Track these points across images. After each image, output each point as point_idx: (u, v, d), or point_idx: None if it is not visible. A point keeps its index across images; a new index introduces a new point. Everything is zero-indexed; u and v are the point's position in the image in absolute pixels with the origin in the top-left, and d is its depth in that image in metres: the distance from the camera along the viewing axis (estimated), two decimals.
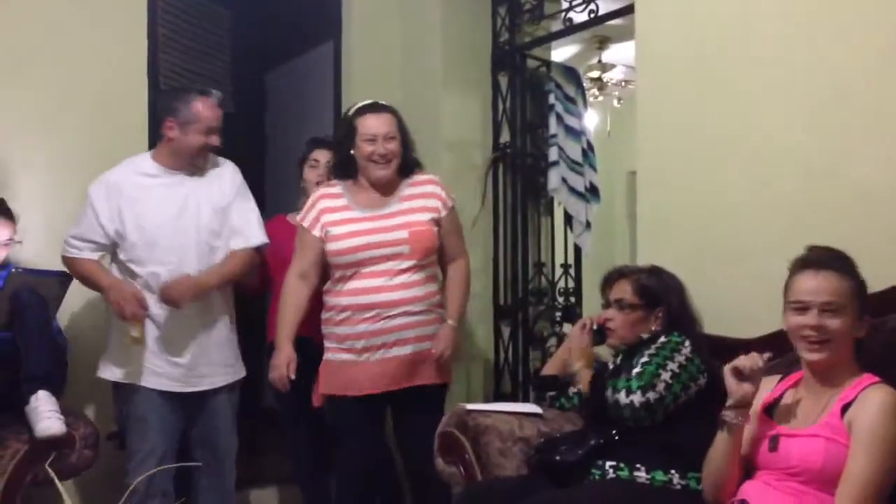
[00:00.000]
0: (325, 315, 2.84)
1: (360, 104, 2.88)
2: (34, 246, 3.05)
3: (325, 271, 2.86)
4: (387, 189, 2.83)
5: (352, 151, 2.81)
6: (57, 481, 1.38)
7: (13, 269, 2.81)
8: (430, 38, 3.96)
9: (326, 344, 2.83)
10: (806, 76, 2.43)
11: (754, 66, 2.57)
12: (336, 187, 2.87)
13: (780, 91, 2.50)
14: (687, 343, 2.28)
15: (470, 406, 2.52)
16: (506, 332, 3.90)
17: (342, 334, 2.78)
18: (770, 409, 1.93)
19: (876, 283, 2.00)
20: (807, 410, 1.86)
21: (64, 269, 2.88)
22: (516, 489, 2.16)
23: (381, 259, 2.75)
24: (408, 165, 2.87)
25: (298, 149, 3.42)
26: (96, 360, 2.95)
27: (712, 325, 2.46)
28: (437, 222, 2.84)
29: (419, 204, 2.84)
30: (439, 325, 2.83)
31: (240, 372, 3.02)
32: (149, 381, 2.84)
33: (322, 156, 3.19)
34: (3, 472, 2.45)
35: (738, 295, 2.53)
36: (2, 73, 3.17)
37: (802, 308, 1.83)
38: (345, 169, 2.86)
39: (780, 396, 1.93)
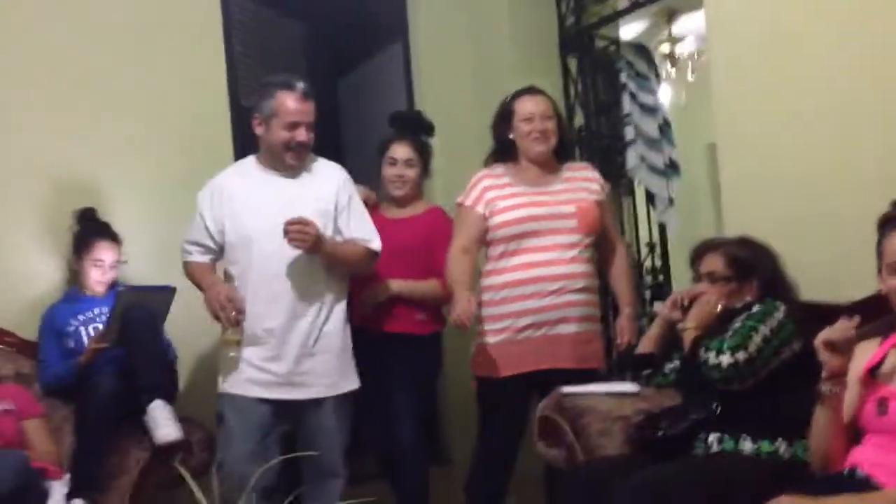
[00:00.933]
0: (483, 297, 2.81)
1: (518, 89, 2.97)
2: (137, 264, 3.21)
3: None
4: (548, 168, 2.88)
5: (510, 136, 2.88)
6: (189, 479, 1.47)
7: (120, 288, 2.97)
8: (497, 27, 3.99)
9: (482, 327, 2.80)
10: (888, 32, 2.37)
11: (830, 25, 2.51)
12: (497, 169, 2.91)
13: (861, 48, 2.44)
14: (781, 308, 2.25)
15: (566, 389, 2.54)
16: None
17: (502, 313, 2.77)
18: (874, 372, 1.89)
19: None
20: None
21: (167, 283, 3.01)
22: (620, 467, 2.16)
23: (547, 232, 2.77)
24: (565, 148, 2.95)
25: (374, 152, 3.46)
26: (203, 367, 3.08)
27: (806, 291, 2.41)
28: (598, 204, 2.88)
29: (581, 185, 2.89)
30: (596, 308, 2.91)
31: (350, 383, 2.80)
32: (242, 389, 2.68)
33: (401, 152, 3.13)
34: (130, 479, 2.59)
35: (830, 259, 2.49)
36: (98, 106, 3.33)
37: None
38: (503, 153, 2.92)
39: (884, 358, 1.90)
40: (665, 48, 5.53)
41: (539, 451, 2.54)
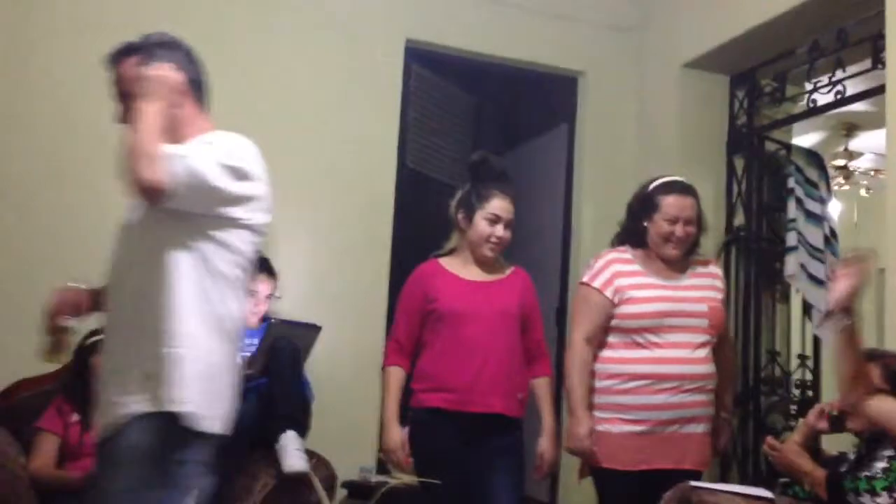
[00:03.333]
0: (602, 384, 2.70)
1: (667, 180, 2.83)
2: (290, 301, 3.38)
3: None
4: (677, 264, 2.78)
5: (645, 224, 2.76)
6: (321, 491, 1.51)
7: (272, 321, 3.12)
8: (666, 119, 4.01)
9: (602, 414, 2.68)
10: None
11: None
12: (626, 254, 2.80)
13: None
14: None
15: (695, 483, 2.44)
16: (738, 421, 3.73)
17: (630, 404, 2.66)
18: None
19: None
20: None
21: (313, 322, 3.14)
22: None
23: (680, 329, 2.68)
24: (694, 248, 2.82)
25: (526, 231, 3.42)
26: (341, 406, 3.16)
27: None
28: (723, 303, 2.82)
29: (708, 282, 2.80)
30: (712, 408, 2.75)
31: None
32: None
33: (502, 209, 2.78)
34: (254, 501, 2.68)
35: None
36: (274, 151, 3.56)
37: None
38: (633, 237, 2.81)
39: None
40: (840, 161, 5.37)
41: None
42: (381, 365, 2.79)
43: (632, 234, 2.80)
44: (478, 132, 4.55)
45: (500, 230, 2.74)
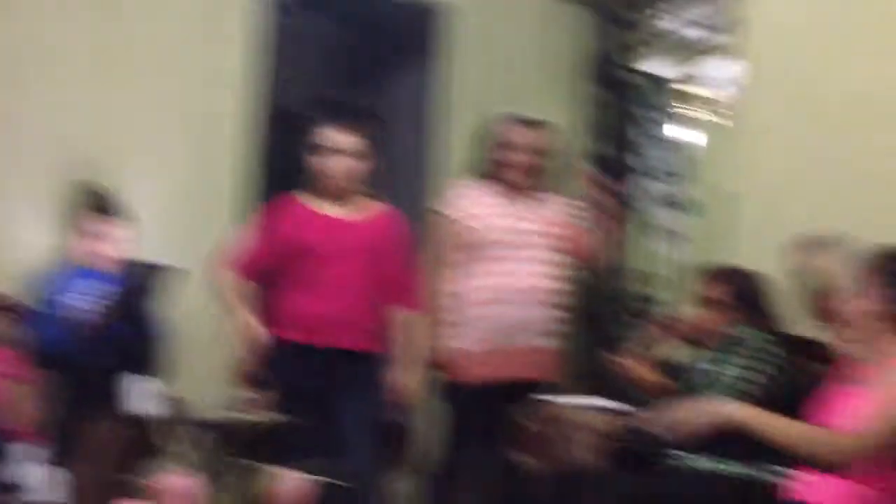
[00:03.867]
0: (455, 302, 2.81)
1: (513, 113, 2.94)
2: (147, 243, 3.28)
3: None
4: (526, 192, 2.90)
5: (495, 156, 2.87)
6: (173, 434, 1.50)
7: (127, 264, 3.03)
8: (525, 49, 4.03)
9: (455, 331, 2.80)
10: None
11: (856, 88, 2.56)
12: (477, 182, 2.92)
13: (886, 103, 2.48)
14: (772, 340, 2.30)
15: (547, 397, 2.57)
16: (585, 335, 3.89)
17: (480, 320, 2.79)
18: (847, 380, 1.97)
19: None
20: (863, 377, 1.89)
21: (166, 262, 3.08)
22: (592, 479, 2.20)
23: (526, 246, 2.81)
24: (546, 178, 2.93)
25: (392, 161, 3.43)
26: (200, 346, 3.14)
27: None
28: (576, 226, 2.93)
29: (558, 207, 2.93)
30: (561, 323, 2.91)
31: None
32: None
33: (344, 141, 2.76)
34: (103, 446, 2.61)
35: None
36: (123, 90, 3.42)
37: None
38: (483, 169, 2.92)
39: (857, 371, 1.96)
40: (687, 88, 5.57)
41: (513, 457, 2.56)
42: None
43: (482, 165, 2.91)
44: (341, 66, 4.47)
45: (342, 161, 2.70)
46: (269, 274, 2.72)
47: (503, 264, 2.79)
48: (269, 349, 2.64)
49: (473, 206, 2.83)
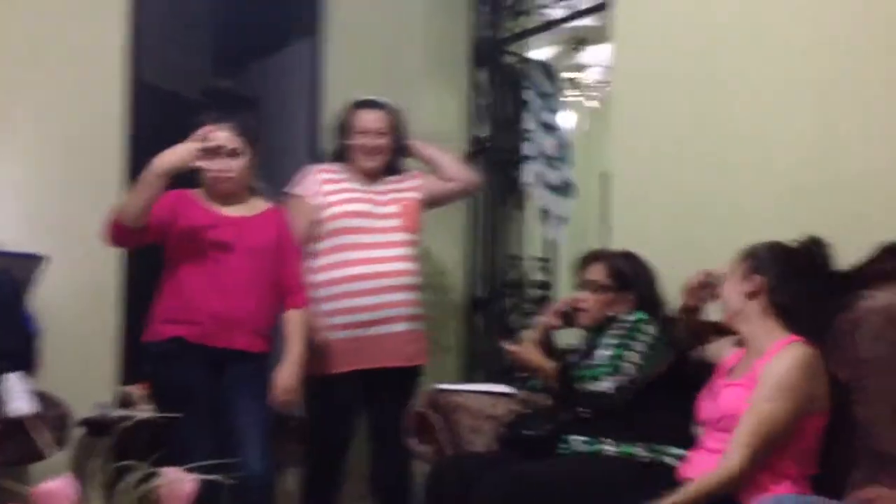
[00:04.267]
0: (316, 293, 2.84)
1: (360, 98, 3.04)
2: (9, 231, 3.08)
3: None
4: (378, 175, 3.00)
5: (347, 141, 2.97)
6: (45, 435, 1.41)
7: None
8: (410, 32, 4.01)
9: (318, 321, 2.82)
10: (769, 68, 2.50)
11: (722, 71, 2.64)
12: (333, 166, 3.02)
13: (749, 89, 2.56)
14: (653, 323, 2.33)
15: (442, 386, 2.57)
16: (480, 323, 3.94)
17: (335, 309, 2.84)
18: (729, 372, 2.04)
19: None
20: (742, 367, 2.00)
21: (35, 252, 2.90)
22: (486, 462, 2.20)
23: (375, 231, 2.88)
24: (396, 162, 3.04)
25: (274, 145, 3.43)
26: (73, 341, 2.97)
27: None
28: (422, 203, 3.02)
29: (405, 185, 3.02)
30: (419, 308, 2.96)
31: None
32: None
33: (220, 138, 2.70)
34: None
35: None
36: None
37: None
38: (339, 154, 3.02)
39: (738, 362, 2.04)
40: (571, 74, 5.68)
41: (409, 446, 2.55)
42: (114, 290, 2.63)
43: (338, 151, 3.00)
44: (219, 46, 4.31)
45: (219, 162, 2.63)
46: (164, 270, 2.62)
47: (361, 251, 2.85)
48: (158, 347, 2.57)
49: (328, 191, 2.89)
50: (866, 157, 2.30)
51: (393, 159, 3.00)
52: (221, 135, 2.64)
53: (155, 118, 3.69)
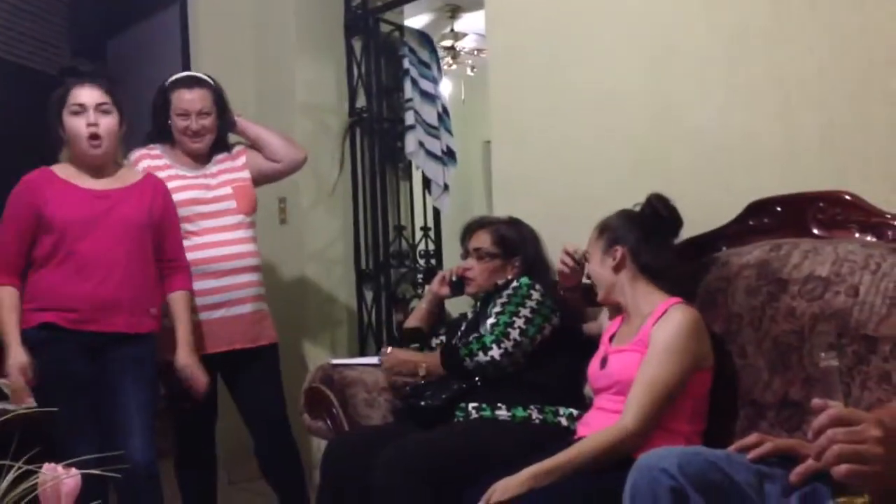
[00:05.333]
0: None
1: (178, 76, 2.92)
2: None
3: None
4: (203, 157, 2.90)
5: (168, 121, 2.84)
6: None
7: None
8: (283, 2, 3.91)
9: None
10: (644, 31, 2.57)
11: (596, 28, 2.68)
12: (155, 149, 2.87)
13: (621, 47, 2.62)
14: (537, 286, 2.38)
15: (335, 361, 2.55)
16: (368, 295, 3.93)
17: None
18: (612, 339, 2.09)
19: (706, 222, 2.18)
20: (628, 332, 2.04)
21: None
22: (383, 435, 2.20)
23: (211, 215, 2.81)
24: (220, 140, 2.92)
25: (144, 119, 3.28)
26: None
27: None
28: (249, 182, 2.93)
29: (234, 165, 2.93)
30: (261, 286, 2.91)
31: None
32: None
33: (87, 96, 2.53)
34: None
35: (585, 241, 2.65)
36: None
37: None
38: (159, 136, 2.89)
39: (619, 328, 2.09)
40: (447, 42, 5.70)
41: (304, 423, 2.52)
42: None
43: (158, 132, 2.87)
44: (76, 17, 4.07)
45: (91, 117, 2.47)
46: (33, 258, 2.47)
47: (201, 236, 2.78)
48: (30, 335, 2.42)
49: (156, 174, 2.74)
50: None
51: (218, 138, 2.90)
52: (89, 91, 2.49)
53: (17, 96, 3.47)
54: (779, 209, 2.10)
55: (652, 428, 1.83)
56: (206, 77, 2.91)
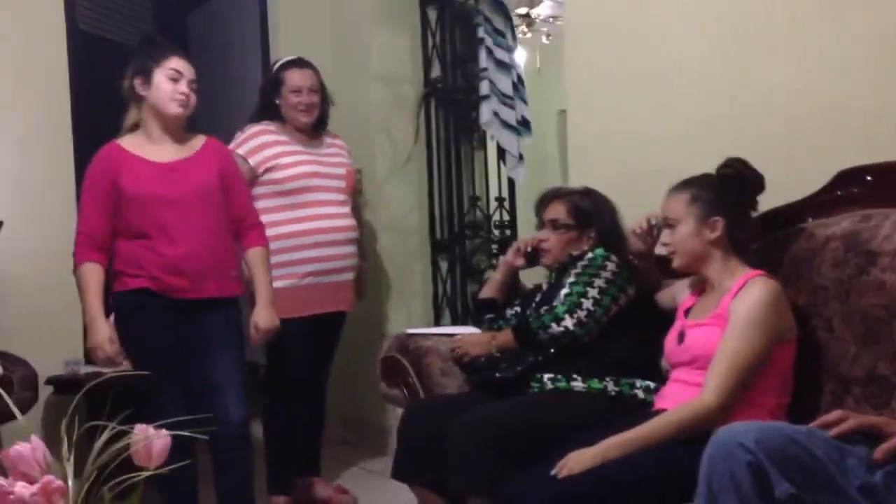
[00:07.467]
0: (271, 245, 2.82)
1: (287, 58, 3.21)
2: None
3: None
4: (311, 134, 3.17)
5: (277, 101, 3.11)
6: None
7: None
8: None
9: (273, 272, 2.82)
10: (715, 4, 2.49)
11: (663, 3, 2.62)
12: (271, 125, 3.12)
13: (697, 14, 2.55)
14: (613, 257, 2.35)
15: (410, 330, 2.57)
16: (443, 266, 3.95)
17: (291, 260, 3.02)
18: (688, 313, 2.05)
19: (788, 193, 2.12)
20: (707, 306, 1.99)
21: None
22: (458, 404, 2.21)
23: (324, 189, 3.10)
24: (323, 119, 3.21)
25: (221, 93, 3.39)
26: (35, 301, 2.89)
27: None
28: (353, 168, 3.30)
29: (341, 151, 3.27)
30: (357, 258, 3.26)
31: None
32: None
33: (182, 66, 2.60)
34: None
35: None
36: None
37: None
38: (268, 114, 3.15)
39: (696, 302, 2.05)
40: (522, 10, 5.61)
41: (380, 391, 2.56)
42: (73, 252, 2.54)
43: (267, 110, 3.13)
44: None
45: (184, 86, 2.53)
46: (118, 229, 2.52)
47: (316, 207, 3.06)
48: (124, 298, 2.50)
49: (273, 149, 3.03)
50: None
51: (321, 116, 3.18)
52: (184, 63, 2.55)
53: (101, 70, 3.56)
54: (869, 178, 2.02)
55: (734, 402, 1.79)
56: (309, 60, 3.21)
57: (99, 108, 3.14)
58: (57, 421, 1.35)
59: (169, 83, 2.52)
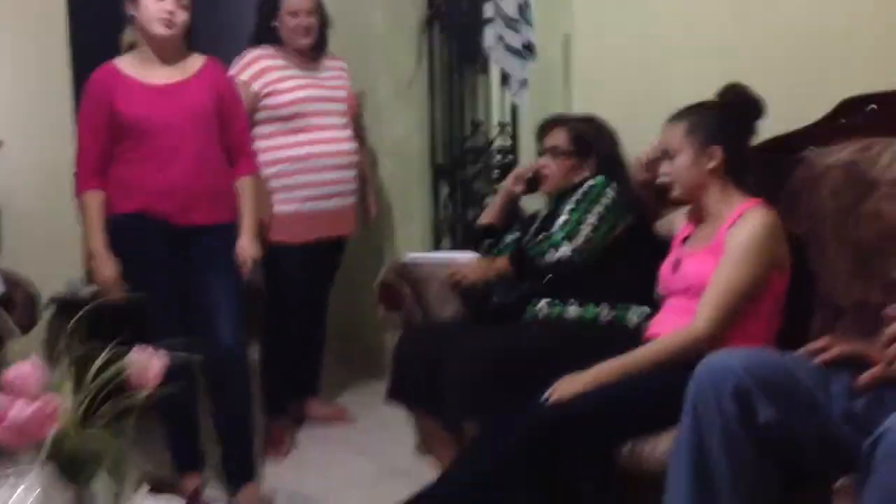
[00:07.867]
0: (269, 170, 2.90)
1: None
2: None
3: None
4: (310, 56, 3.07)
5: (274, 23, 2.99)
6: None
7: None
8: None
9: (274, 196, 2.93)
10: None
11: None
12: (269, 49, 3.01)
13: None
14: (612, 185, 2.34)
15: (409, 255, 2.58)
16: (444, 190, 3.93)
17: (293, 185, 2.95)
18: (685, 242, 2.05)
19: (791, 122, 2.09)
20: (703, 235, 2.00)
21: None
22: (454, 330, 2.24)
23: (324, 114, 3.02)
24: (322, 41, 3.10)
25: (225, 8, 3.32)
26: (35, 222, 2.90)
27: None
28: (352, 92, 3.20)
29: (341, 74, 3.18)
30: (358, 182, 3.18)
31: None
32: None
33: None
34: None
35: None
36: None
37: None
38: (266, 37, 3.03)
39: (693, 232, 2.05)
40: None
41: (378, 314, 2.58)
42: (72, 166, 2.51)
43: (265, 34, 3.02)
44: None
45: (169, 3, 2.45)
46: (114, 153, 2.50)
47: (317, 132, 2.99)
48: (118, 222, 2.49)
49: (273, 74, 2.96)
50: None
51: (320, 39, 3.09)
52: None
53: None
54: (873, 107, 2.00)
55: (724, 330, 1.81)
56: None
57: (98, 23, 3.10)
58: (58, 342, 1.37)
59: (154, 2, 2.44)
